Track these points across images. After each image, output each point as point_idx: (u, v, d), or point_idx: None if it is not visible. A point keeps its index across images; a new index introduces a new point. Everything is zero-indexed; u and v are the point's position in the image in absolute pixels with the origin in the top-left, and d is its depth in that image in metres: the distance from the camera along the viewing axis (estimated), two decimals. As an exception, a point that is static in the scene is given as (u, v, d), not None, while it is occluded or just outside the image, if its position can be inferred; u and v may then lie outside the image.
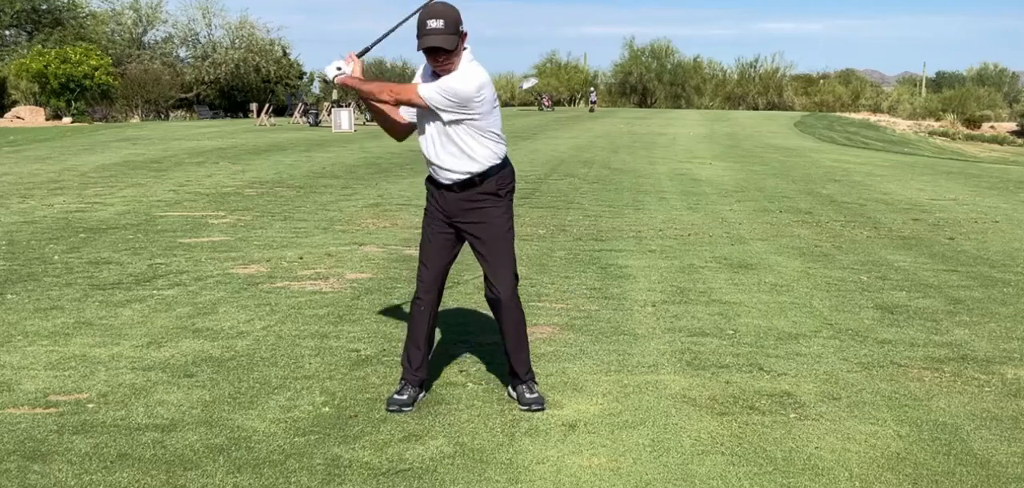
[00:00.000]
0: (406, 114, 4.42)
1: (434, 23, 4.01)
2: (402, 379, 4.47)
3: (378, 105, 4.39)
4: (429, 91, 4.15)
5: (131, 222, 9.92)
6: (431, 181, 4.42)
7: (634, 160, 19.28)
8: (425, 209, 4.50)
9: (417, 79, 4.31)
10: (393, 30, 4.51)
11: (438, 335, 5.27)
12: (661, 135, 28.99)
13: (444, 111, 4.15)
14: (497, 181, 4.32)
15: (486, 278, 4.38)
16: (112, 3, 48.84)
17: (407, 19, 4.30)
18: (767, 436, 4.10)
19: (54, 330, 5.64)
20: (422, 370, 4.47)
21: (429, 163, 4.35)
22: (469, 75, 4.14)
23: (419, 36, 4.06)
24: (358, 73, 4.32)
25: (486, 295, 4.43)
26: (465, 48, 4.16)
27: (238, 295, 6.62)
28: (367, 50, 4.46)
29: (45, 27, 43.61)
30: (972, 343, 5.64)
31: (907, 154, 25.96)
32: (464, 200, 4.30)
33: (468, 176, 4.25)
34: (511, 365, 4.46)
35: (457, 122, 4.17)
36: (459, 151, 4.22)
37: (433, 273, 4.41)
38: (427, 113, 4.22)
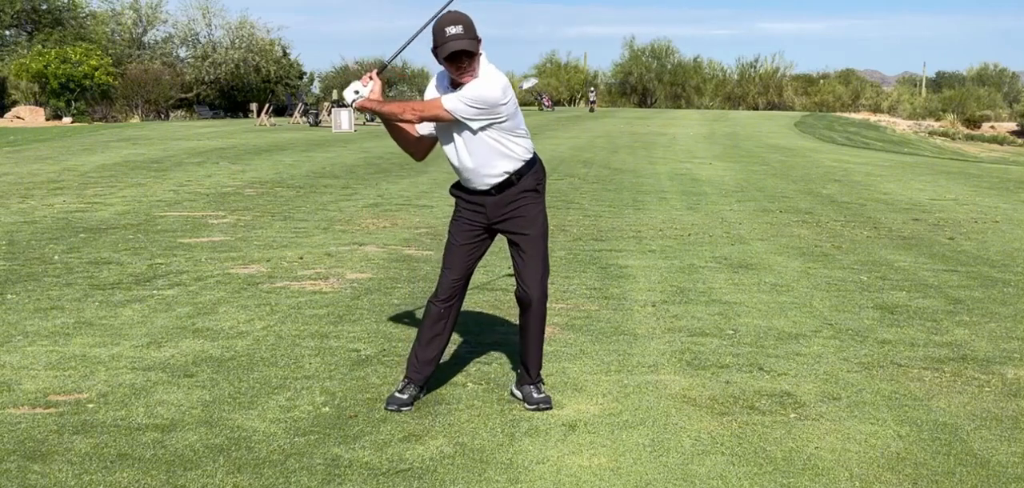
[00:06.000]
0: (422, 130, 4.34)
1: (454, 29, 3.96)
2: (405, 378, 4.46)
3: (398, 125, 4.29)
4: (455, 103, 4.06)
5: (131, 222, 9.92)
6: (462, 188, 4.34)
7: (634, 160, 19.28)
8: (454, 215, 4.42)
9: (431, 90, 4.24)
10: (410, 41, 4.37)
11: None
12: (661, 135, 28.99)
13: (472, 120, 4.09)
14: (533, 177, 4.30)
15: (519, 276, 4.34)
16: (112, 3, 48.85)
17: (423, 29, 4.20)
18: (767, 436, 4.10)
19: (54, 330, 5.64)
20: (430, 371, 4.45)
21: (460, 172, 4.29)
22: (492, 79, 4.10)
23: (439, 45, 3.98)
24: (377, 93, 4.20)
25: (517, 294, 4.38)
26: (481, 53, 4.10)
27: (238, 295, 6.62)
28: (385, 66, 4.34)
29: (45, 27, 43.60)
30: (972, 343, 5.64)
31: (907, 154, 25.97)
32: (504, 201, 4.25)
33: (505, 177, 4.22)
34: (526, 364, 4.44)
35: (485, 127, 4.13)
36: (492, 153, 4.17)
37: (459, 278, 4.38)
38: (452, 123, 4.14)
